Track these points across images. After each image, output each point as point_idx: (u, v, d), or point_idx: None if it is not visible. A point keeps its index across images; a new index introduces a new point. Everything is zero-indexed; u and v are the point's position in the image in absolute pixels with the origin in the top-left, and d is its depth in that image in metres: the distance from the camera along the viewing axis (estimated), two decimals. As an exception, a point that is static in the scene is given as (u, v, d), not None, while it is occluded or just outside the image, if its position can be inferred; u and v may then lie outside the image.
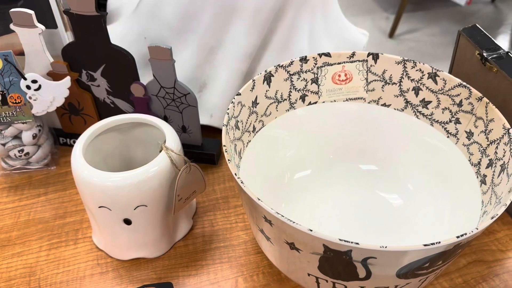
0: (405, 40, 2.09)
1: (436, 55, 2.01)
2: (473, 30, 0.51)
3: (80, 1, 0.48)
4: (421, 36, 2.12)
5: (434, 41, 2.09)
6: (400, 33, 2.14)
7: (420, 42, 2.08)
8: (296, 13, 0.58)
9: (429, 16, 2.26)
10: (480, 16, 2.28)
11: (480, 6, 2.34)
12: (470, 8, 2.27)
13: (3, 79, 0.50)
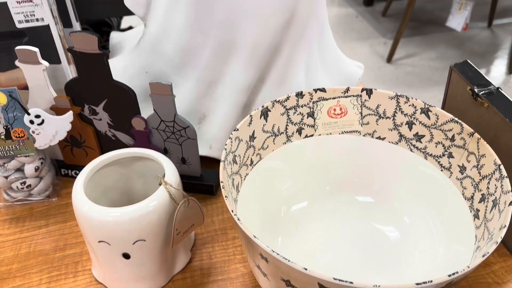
0: (403, 64, 2.12)
1: (434, 79, 2.03)
2: (464, 66, 0.53)
3: (84, 40, 0.49)
4: (418, 60, 2.15)
5: (432, 66, 2.12)
6: (398, 57, 2.17)
7: (418, 67, 2.11)
8: (292, 48, 0.60)
9: (426, 41, 2.30)
10: (476, 40, 2.31)
11: (477, 31, 2.38)
12: (467, 33, 2.31)
13: (7, 114, 0.51)
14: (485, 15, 2.47)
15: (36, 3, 0.52)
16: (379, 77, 2.05)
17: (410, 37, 2.32)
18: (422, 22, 2.44)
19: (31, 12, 0.53)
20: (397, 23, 2.42)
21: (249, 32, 0.56)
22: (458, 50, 2.23)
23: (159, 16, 0.58)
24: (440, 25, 2.37)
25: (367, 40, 2.31)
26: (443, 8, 2.55)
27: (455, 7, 1.93)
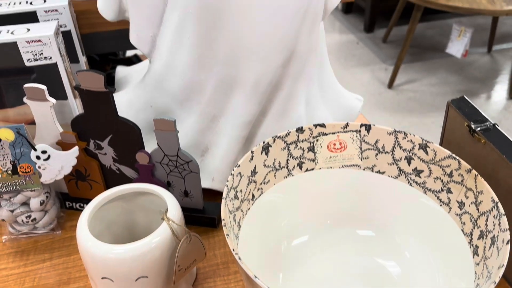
0: (404, 90, 2.15)
1: (435, 104, 2.05)
2: (461, 102, 0.54)
3: (90, 79, 0.51)
4: (419, 86, 2.17)
5: (433, 91, 2.14)
6: (399, 83, 2.19)
7: (419, 92, 2.13)
8: (293, 83, 0.62)
9: (427, 67, 2.33)
10: (477, 66, 2.34)
11: (477, 56, 2.41)
12: (467, 59, 2.34)
13: (14, 150, 0.52)
14: (485, 41, 2.50)
15: (45, 43, 0.54)
16: (380, 102, 2.07)
17: (411, 63, 2.35)
18: (423, 48, 2.48)
19: (39, 51, 0.55)
20: (398, 49, 2.45)
21: (251, 69, 0.57)
22: (459, 76, 2.25)
23: (164, 53, 0.60)
24: (440, 51, 2.40)
25: (368, 66, 2.34)
26: (443, 34, 2.59)
27: (454, 34, 1.96)
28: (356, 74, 2.27)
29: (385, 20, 2.64)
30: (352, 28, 2.69)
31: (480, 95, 2.12)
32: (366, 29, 2.62)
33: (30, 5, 0.61)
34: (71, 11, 0.63)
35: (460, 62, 2.32)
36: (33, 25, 0.56)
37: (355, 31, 2.66)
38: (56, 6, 0.61)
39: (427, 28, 2.66)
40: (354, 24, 2.72)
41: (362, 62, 2.37)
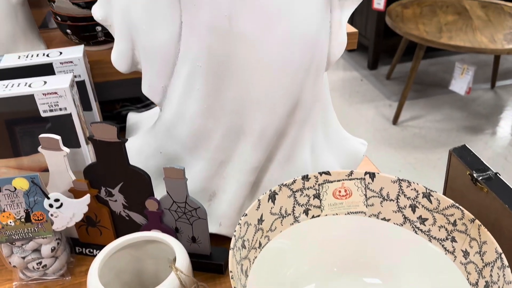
0: (408, 126, 2.16)
1: (441, 140, 2.06)
2: (463, 150, 0.55)
3: (103, 130, 0.53)
4: (424, 122, 2.19)
5: (438, 127, 2.15)
6: (404, 119, 2.21)
7: (424, 129, 2.15)
8: (298, 130, 0.63)
9: (431, 103, 2.35)
10: (481, 102, 2.36)
11: (480, 92, 2.44)
12: (471, 95, 2.37)
13: (28, 199, 0.54)
14: (488, 77, 2.54)
15: (60, 95, 0.57)
16: (385, 139, 2.08)
17: (415, 99, 2.38)
18: (426, 85, 2.51)
19: (55, 102, 0.57)
20: (402, 86, 2.49)
21: (257, 119, 0.59)
22: (463, 112, 2.27)
23: (174, 103, 0.62)
24: (443, 87, 2.43)
25: (372, 103, 2.37)
26: (446, 70, 2.63)
27: (457, 72, 1.99)
28: (361, 111, 2.30)
29: (389, 58, 2.69)
30: (356, 65, 2.74)
31: (485, 131, 2.13)
32: (370, 66, 2.67)
33: (47, 57, 0.64)
34: (85, 62, 0.66)
35: (464, 98, 2.35)
36: (49, 77, 0.59)
37: (359, 68, 2.71)
38: (71, 58, 0.64)
39: (430, 65, 2.70)
40: (358, 62, 2.77)
41: (366, 99, 2.41)
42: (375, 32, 2.52)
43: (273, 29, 0.53)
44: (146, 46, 0.60)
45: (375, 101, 2.38)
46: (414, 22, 2.08)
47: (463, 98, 2.35)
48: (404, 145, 2.04)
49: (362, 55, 2.79)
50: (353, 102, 2.38)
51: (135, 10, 0.57)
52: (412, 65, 2.06)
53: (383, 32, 2.51)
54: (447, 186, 0.58)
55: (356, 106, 2.34)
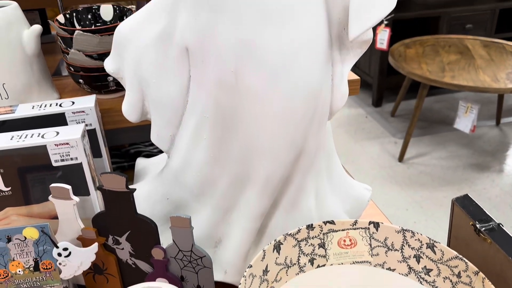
0: (414, 164, 2.17)
1: (446, 178, 2.05)
2: (465, 200, 0.56)
3: (113, 180, 0.54)
4: (429, 159, 2.20)
5: (443, 165, 2.15)
6: (409, 157, 2.22)
7: (430, 166, 2.15)
8: (303, 177, 0.64)
9: (436, 140, 2.36)
10: (486, 139, 2.37)
11: (486, 129, 2.45)
12: (476, 132, 2.37)
13: (37, 248, 0.55)
14: (493, 114, 2.55)
15: (72, 145, 0.59)
16: (391, 176, 2.08)
17: (420, 136, 2.39)
18: (431, 122, 2.53)
19: (66, 152, 0.59)
20: (406, 123, 2.51)
21: (262, 167, 0.60)
22: (469, 149, 2.27)
23: (182, 151, 0.64)
24: (448, 124, 2.45)
25: (377, 140, 2.38)
26: (451, 107, 2.65)
27: (461, 110, 2.01)
28: (366, 147, 2.31)
29: (393, 95, 2.72)
30: (360, 103, 2.77)
31: (491, 169, 2.13)
32: (374, 103, 2.70)
33: (60, 107, 0.66)
34: (97, 111, 0.68)
35: (470, 136, 2.35)
36: (62, 128, 0.61)
37: (364, 105, 2.74)
38: (83, 108, 0.66)
39: (435, 102, 2.73)
40: (363, 99, 2.81)
41: (371, 136, 2.42)
42: (378, 71, 2.56)
43: (277, 83, 0.56)
44: (156, 98, 0.62)
45: (380, 138, 2.39)
46: (417, 61, 2.12)
47: (468, 135, 2.36)
48: (410, 183, 2.04)
49: (366, 92, 2.82)
50: (358, 138, 2.40)
51: (146, 65, 0.60)
52: (416, 104, 2.09)
53: (387, 70, 2.56)
54: (451, 235, 0.58)
55: (361, 143, 2.35)
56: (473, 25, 2.62)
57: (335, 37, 0.59)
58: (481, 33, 2.64)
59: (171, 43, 0.59)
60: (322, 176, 0.68)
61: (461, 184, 2.02)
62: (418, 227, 1.77)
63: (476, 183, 2.03)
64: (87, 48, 0.70)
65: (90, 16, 0.79)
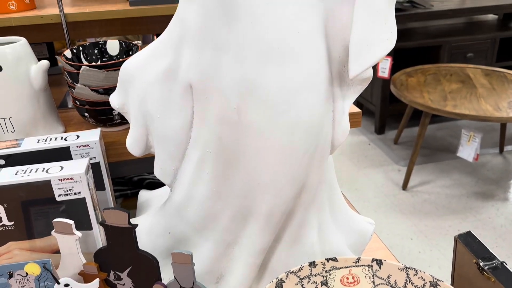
0: (418, 192, 2.16)
1: (451, 207, 2.04)
2: (468, 237, 0.55)
3: (115, 216, 0.55)
4: (433, 188, 2.19)
5: (448, 193, 2.14)
6: (413, 185, 2.21)
7: (434, 194, 2.13)
8: (305, 211, 0.64)
9: (440, 168, 2.36)
10: (490, 167, 2.36)
11: (489, 157, 2.44)
12: (480, 160, 2.37)
13: (39, 284, 0.55)
14: (496, 141, 2.55)
15: (76, 180, 0.59)
16: (395, 205, 2.07)
17: (423, 164, 2.38)
18: (434, 149, 2.53)
19: (70, 187, 0.59)
20: (409, 150, 2.51)
21: (264, 202, 0.61)
22: (472, 177, 2.26)
23: (184, 185, 0.64)
24: (451, 152, 2.44)
25: (381, 167, 2.38)
26: (453, 135, 2.66)
27: (464, 139, 2.02)
28: (370, 175, 2.31)
29: (395, 122, 2.73)
30: (363, 130, 2.78)
31: (496, 197, 2.11)
32: (377, 131, 2.71)
33: (65, 141, 0.67)
34: (101, 144, 0.69)
35: (473, 164, 2.35)
36: (66, 163, 0.62)
37: (366, 133, 2.75)
38: (88, 142, 0.67)
39: (437, 130, 2.73)
40: (365, 126, 2.82)
41: (375, 163, 2.42)
42: (381, 98, 2.58)
43: (279, 119, 0.56)
44: (160, 132, 0.63)
45: (384, 166, 2.39)
46: (419, 90, 2.13)
47: (472, 163, 2.35)
48: (414, 211, 2.02)
49: (369, 119, 2.84)
50: (362, 166, 2.40)
51: (150, 100, 0.61)
52: (418, 132, 2.09)
53: (389, 98, 2.58)
54: (455, 273, 0.57)
55: (364, 171, 2.35)
56: (474, 54, 2.65)
57: (335, 74, 0.60)
58: (482, 62, 2.67)
59: (176, 80, 0.60)
60: (325, 210, 0.68)
61: (466, 213, 2.01)
62: (423, 257, 1.75)
63: (480, 212, 2.01)
64: (93, 83, 0.71)
65: (96, 51, 0.81)
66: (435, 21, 2.84)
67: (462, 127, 2.13)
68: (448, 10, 2.52)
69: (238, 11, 0.53)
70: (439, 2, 2.69)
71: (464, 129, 2.06)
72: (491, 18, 3.01)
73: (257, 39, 0.53)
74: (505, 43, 2.81)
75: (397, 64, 2.41)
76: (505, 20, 2.91)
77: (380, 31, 0.51)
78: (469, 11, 2.59)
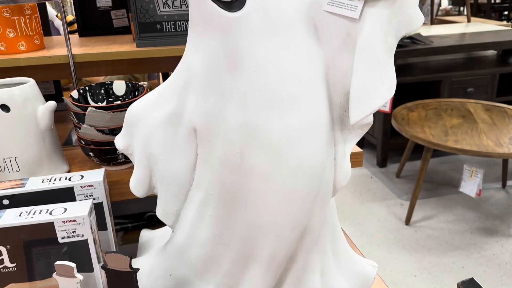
0: (421, 227, 2.14)
1: (454, 243, 2.02)
2: (471, 284, 0.55)
3: (117, 260, 0.55)
4: (437, 223, 2.17)
5: (451, 228, 2.12)
6: (416, 220, 2.19)
7: (437, 230, 2.12)
8: (307, 255, 0.64)
9: (442, 203, 2.35)
10: (493, 202, 2.34)
11: (492, 192, 2.43)
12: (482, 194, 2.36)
13: (38, 328, 0.54)
14: (498, 176, 2.55)
15: (79, 222, 0.60)
16: (399, 240, 2.05)
17: (426, 198, 2.37)
18: (436, 184, 2.52)
19: (73, 229, 0.60)
20: (412, 184, 2.50)
21: (267, 245, 0.60)
22: (476, 212, 2.25)
23: (186, 226, 0.64)
24: (454, 186, 2.43)
25: (383, 201, 2.36)
26: (455, 168, 2.65)
27: (466, 174, 2.01)
28: (372, 209, 2.29)
29: (397, 155, 2.74)
30: (365, 163, 2.78)
31: (500, 233, 2.09)
32: (379, 164, 2.71)
33: (69, 181, 0.68)
34: (104, 184, 0.70)
35: (476, 198, 2.33)
36: (69, 204, 0.62)
37: (369, 166, 2.75)
38: (92, 182, 0.68)
39: (439, 163, 2.73)
40: (367, 159, 2.82)
41: (377, 197, 2.41)
42: (382, 132, 2.59)
43: (281, 163, 0.57)
44: (163, 174, 0.63)
45: (386, 200, 2.38)
46: (420, 125, 2.15)
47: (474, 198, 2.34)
48: (418, 247, 2.00)
49: (371, 152, 2.84)
50: (364, 200, 2.39)
51: (155, 143, 0.62)
52: (420, 167, 2.10)
53: (390, 131, 2.59)
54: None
55: (367, 205, 2.34)
56: (474, 89, 2.68)
57: (336, 119, 0.61)
58: (483, 96, 2.69)
59: (180, 123, 0.61)
60: (327, 253, 0.68)
61: (470, 249, 1.98)
62: (427, 294, 1.72)
63: (485, 248, 1.99)
64: (99, 124, 0.73)
65: (103, 91, 0.82)
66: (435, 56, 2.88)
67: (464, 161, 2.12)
68: (448, 46, 2.56)
69: (242, 60, 0.54)
70: (438, 38, 2.74)
71: (466, 164, 2.06)
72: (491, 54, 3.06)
73: (260, 86, 0.55)
74: (504, 78, 2.85)
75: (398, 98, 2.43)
76: (504, 56, 2.96)
77: (380, 80, 0.52)
78: (468, 47, 2.63)
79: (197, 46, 0.57)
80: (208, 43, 0.56)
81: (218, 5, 0.52)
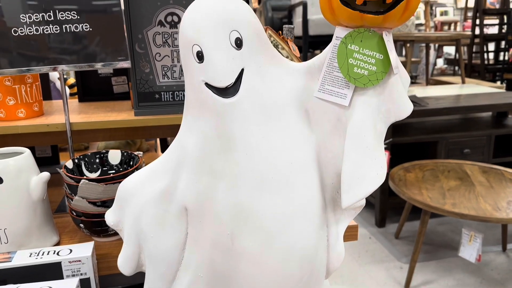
0: (421, 293, 2.08)
1: (457, 310, 1.95)
2: None
3: None
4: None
5: (452, 294, 2.06)
6: (416, 284, 2.13)
7: (438, 295, 2.05)
8: None
9: (442, 267, 2.29)
10: (494, 266, 2.29)
11: (492, 256, 2.38)
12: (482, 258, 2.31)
13: None
14: (498, 239, 2.50)
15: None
16: (398, 306, 1.98)
17: (426, 261, 2.32)
18: (436, 246, 2.48)
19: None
20: (411, 246, 2.46)
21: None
22: (476, 277, 2.19)
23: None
24: (453, 249, 2.39)
25: (382, 264, 2.31)
26: (455, 230, 2.62)
27: (465, 239, 1.98)
28: (371, 272, 2.24)
29: (396, 215, 2.71)
30: (364, 222, 2.75)
31: (503, 300, 2.03)
32: (378, 224, 2.68)
33: (57, 255, 0.66)
34: (93, 259, 0.68)
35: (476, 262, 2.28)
36: (55, 283, 0.61)
37: (367, 225, 2.71)
38: (80, 257, 0.66)
39: (438, 224, 2.70)
40: (366, 218, 2.79)
41: (376, 259, 2.35)
42: (380, 192, 2.58)
43: (273, 246, 0.56)
44: (152, 251, 0.62)
45: (385, 262, 2.32)
46: (417, 186, 2.14)
47: (475, 262, 2.29)
48: (418, 315, 1.93)
49: (369, 212, 2.81)
50: (363, 262, 2.33)
51: (145, 219, 0.62)
52: (419, 230, 2.07)
53: (388, 191, 2.58)
54: None
55: (366, 267, 2.28)
56: (470, 150, 2.70)
57: (329, 200, 0.61)
58: (479, 157, 2.71)
59: (171, 201, 0.61)
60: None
61: (472, 317, 1.91)
62: None
63: (488, 316, 1.92)
64: (91, 196, 0.72)
65: (98, 160, 0.83)
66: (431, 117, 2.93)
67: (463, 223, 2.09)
68: (443, 108, 2.61)
69: (235, 142, 0.55)
70: (434, 99, 2.80)
71: (464, 228, 2.03)
72: (486, 115, 3.11)
73: (252, 168, 0.55)
74: (500, 140, 2.88)
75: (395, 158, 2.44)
76: (499, 118, 3.01)
77: (370, 166, 0.53)
78: (463, 109, 2.68)
79: (191, 127, 0.58)
80: (202, 125, 0.57)
81: (212, 91, 0.53)
